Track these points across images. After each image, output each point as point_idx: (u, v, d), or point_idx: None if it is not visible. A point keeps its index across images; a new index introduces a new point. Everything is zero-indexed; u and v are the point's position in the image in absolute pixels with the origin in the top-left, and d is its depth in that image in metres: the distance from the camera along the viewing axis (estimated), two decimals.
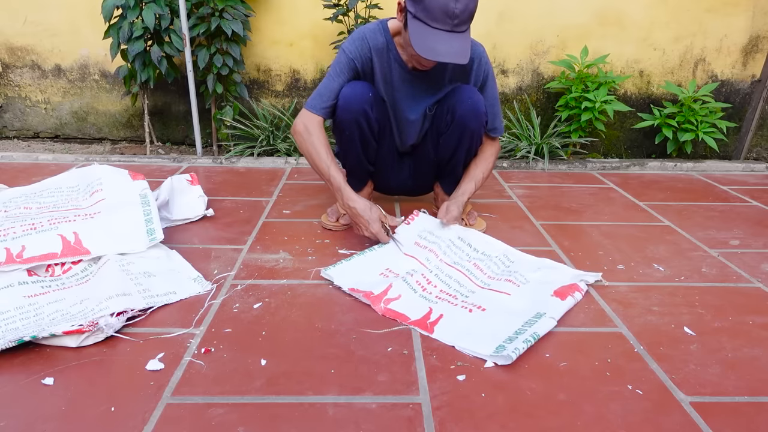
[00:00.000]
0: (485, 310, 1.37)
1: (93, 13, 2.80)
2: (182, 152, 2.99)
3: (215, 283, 1.51)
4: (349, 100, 1.66)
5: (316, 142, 1.67)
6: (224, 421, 1.00)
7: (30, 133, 3.13)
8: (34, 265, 1.44)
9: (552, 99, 3.04)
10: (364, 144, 1.75)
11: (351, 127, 1.69)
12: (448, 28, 1.47)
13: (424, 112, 1.78)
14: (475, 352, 1.21)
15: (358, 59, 1.69)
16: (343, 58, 1.69)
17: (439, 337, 1.27)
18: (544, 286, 1.46)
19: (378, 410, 1.04)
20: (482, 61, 1.73)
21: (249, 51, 2.94)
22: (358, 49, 1.68)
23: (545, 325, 1.29)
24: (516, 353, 1.17)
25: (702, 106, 2.84)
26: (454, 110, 1.70)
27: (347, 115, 1.67)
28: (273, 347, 1.23)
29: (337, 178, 1.67)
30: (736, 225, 2.05)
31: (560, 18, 2.91)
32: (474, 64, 1.72)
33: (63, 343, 1.19)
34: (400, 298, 1.41)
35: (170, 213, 1.91)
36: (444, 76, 1.73)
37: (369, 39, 1.68)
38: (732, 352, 1.26)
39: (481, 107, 1.70)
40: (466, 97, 1.69)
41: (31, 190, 1.84)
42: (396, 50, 1.68)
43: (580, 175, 2.71)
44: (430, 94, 1.76)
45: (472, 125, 1.71)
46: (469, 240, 1.68)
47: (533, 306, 1.37)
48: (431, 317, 1.34)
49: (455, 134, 1.74)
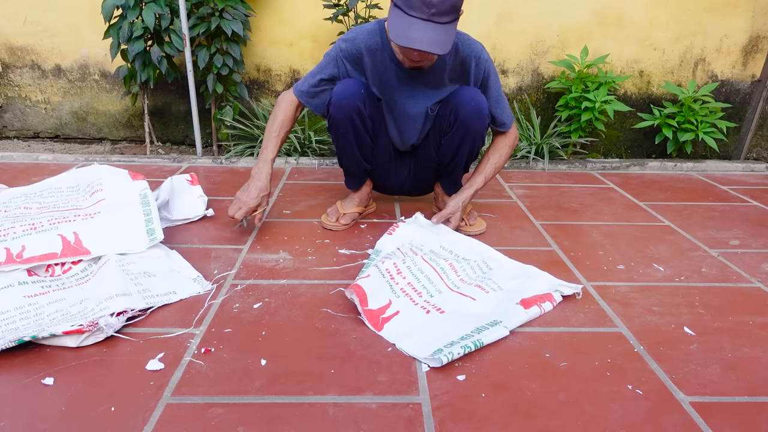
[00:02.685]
0: (444, 312, 1.36)
1: (93, 13, 2.80)
2: (182, 152, 2.99)
3: (215, 283, 1.51)
4: (342, 97, 1.67)
5: (277, 112, 1.78)
6: (224, 421, 1.00)
7: (30, 133, 3.13)
8: (34, 265, 1.44)
9: (552, 99, 3.04)
10: (359, 141, 1.76)
11: (345, 124, 1.71)
12: (424, 16, 1.46)
13: (426, 112, 1.78)
14: (412, 354, 1.20)
15: (348, 57, 1.71)
16: (332, 53, 1.73)
17: (385, 335, 1.27)
18: (514, 294, 1.43)
19: (378, 410, 1.04)
20: (481, 59, 1.72)
21: (249, 51, 2.94)
22: (348, 48, 1.70)
23: (495, 333, 1.26)
24: (448, 358, 1.16)
25: (702, 106, 2.84)
26: (457, 111, 1.70)
27: (340, 113, 1.68)
28: (273, 347, 1.23)
29: (264, 154, 1.75)
30: (736, 225, 2.05)
31: (560, 18, 2.91)
32: (471, 63, 1.71)
33: (63, 343, 1.19)
34: (369, 277, 1.42)
35: (170, 213, 1.91)
36: (443, 76, 1.73)
37: (362, 39, 1.70)
38: (732, 352, 1.26)
39: (485, 109, 1.71)
40: (469, 98, 1.69)
41: (31, 190, 1.84)
42: (392, 50, 1.69)
43: (580, 175, 2.71)
44: (430, 94, 1.76)
45: (475, 127, 1.71)
46: (451, 247, 1.67)
47: (493, 313, 1.35)
48: (386, 312, 1.34)
49: (458, 135, 1.74)
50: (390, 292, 1.41)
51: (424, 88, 1.74)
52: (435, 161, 1.87)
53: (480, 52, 1.72)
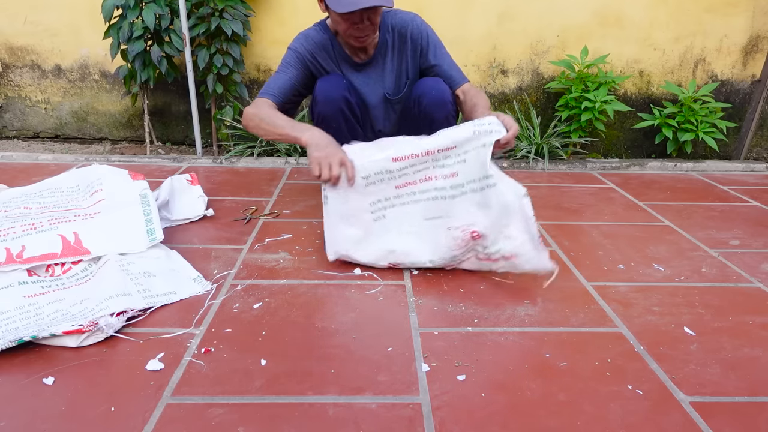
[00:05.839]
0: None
1: (93, 13, 2.80)
2: (182, 152, 2.99)
3: (215, 283, 1.51)
4: (328, 91, 1.70)
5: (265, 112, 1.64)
6: (224, 421, 1.00)
7: (30, 133, 3.13)
8: (34, 265, 1.44)
9: (552, 99, 3.04)
10: (352, 131, 1.79)
11: (337, 118, 1.73)
12: None
13: (384, 98, 1.82)
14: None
15: (305, 54, 1.74)
16: (289, 55, 1.75)
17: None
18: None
19: (378, 410, 1.04)
20: (415, 23, 1.75)
21: (249, 51, 2.94)
22: (303, 46, 1.74)
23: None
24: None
25: (702, 106, 2.84)
26: (419, 101, 1.74)
27: (329, 107, 1.70)
28: (273, 347, 1.23)
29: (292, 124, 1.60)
30: (736, 225, 2.05)
31: (560, 18, 2.91)
32: (407, 29, 1.74)
33: (63, 343, 1.19)
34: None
35: (170, 213, 1.91)
36: (386, 55, 1.76)
37: (312, 36, 1.74)
38: (732, 352, 1.26)
39: (447, 97, 1.73)
40: (430, 88, 1.73)
41: (31, 190, 1.85)
42: (339, 46, 1.73)
43: (580, 175, 2.71)
44: (384, 79, 1.80)
45: (437, 116, 1.74)
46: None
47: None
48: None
49: (424, 124, 1.76)
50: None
51: (376, 75, 1.78)
52: None
53: (413, 18, 1.76)
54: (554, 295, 1.49)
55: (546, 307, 1.42)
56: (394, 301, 1.44)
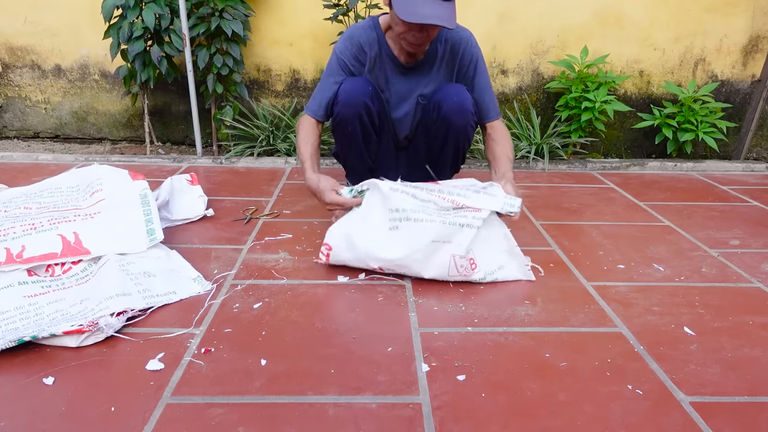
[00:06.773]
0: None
1: (93, 13, 2.80)
2: (182, 152, 2.99)
3: (215, 283, 1.51)
4: (350, 95, 1.68)
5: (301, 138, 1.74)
6: (224, 421, 1.00)
7: (30, 133, 3.13)
8: (34, 265, 1.44)
9: (552, 99, 3.04)
10: (366, 138, 1.77)
11: (353, 122, 1.71)
12: None
13: (417, 101, 1.81)
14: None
15: (349, 60, 1.73)
16: (334, 61, 1.74)
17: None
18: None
19: (378, 410, 1.04)
20: (470, 44, 1.74)
21: (249, 51, 2.94)
22: (347, 48, 1.72)
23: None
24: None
25: (702, 106, 2.84)
26: (439, 107, 1.72)
27: (348, 110, 1.69)
28: (273, 347, 1.23)
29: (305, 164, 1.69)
30: (736, 225, 2.05)
31: (560, 18, 2.91)
32: (461, 48, 1.73)
33: (63, 343, 1.19)
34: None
35: (170, 213, 1.91)
36: (434, 64, 1.75)
37: (358, 36, 1.72)
38: (732, 352, 1.26)
39: (468, 105, 1.71)
40: (452, 94, 1.71)
41: (31, 190, 1.84)
42: (387, 45, 1.71)
43: (580, 175, 2.71)
44: (423, 83, 1.78)
45: (456, 122, 1.72)
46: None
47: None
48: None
49: (441, 131, 1.75)
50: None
51: (417, 79, 1.77)
52: (426, 156, 1.88)
53: (469, 38, 1.75)
54: (554, 295, 1.49)
55: (546, 307, 1.42)
56: (394, 301, 1.44)
